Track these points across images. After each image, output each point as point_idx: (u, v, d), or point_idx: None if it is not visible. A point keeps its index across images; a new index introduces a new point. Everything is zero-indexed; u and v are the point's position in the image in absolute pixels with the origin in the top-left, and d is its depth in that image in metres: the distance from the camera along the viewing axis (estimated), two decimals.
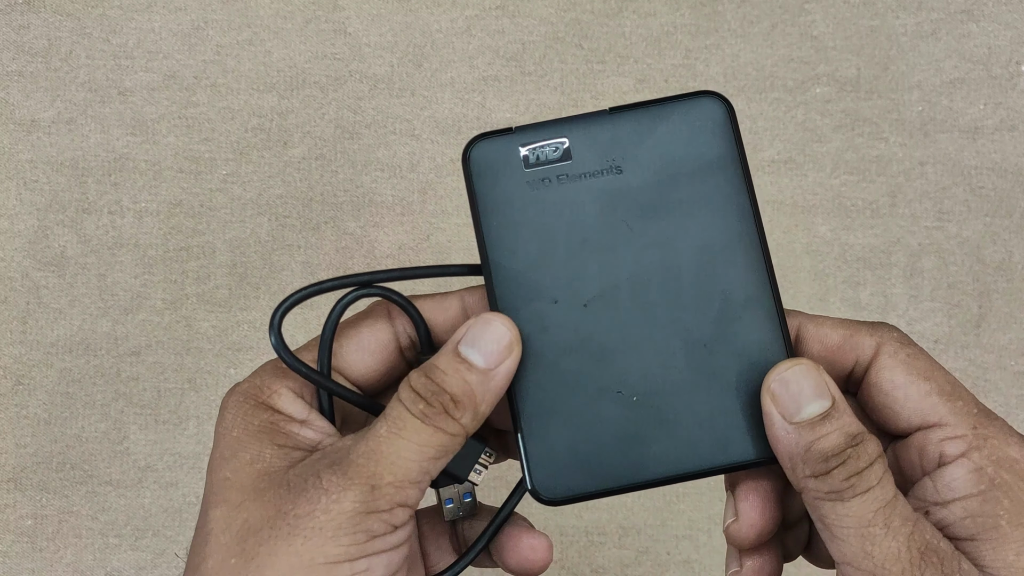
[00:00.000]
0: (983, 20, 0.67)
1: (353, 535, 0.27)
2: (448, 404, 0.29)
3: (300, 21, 0.67)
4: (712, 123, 0.33)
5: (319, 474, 0.28)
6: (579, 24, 0.67)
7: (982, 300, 0.65)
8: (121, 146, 0.66)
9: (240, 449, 0.30)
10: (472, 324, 0.30)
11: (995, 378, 0.65)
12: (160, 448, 0.63)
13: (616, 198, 0.31)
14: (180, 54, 0.66)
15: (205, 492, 0.30)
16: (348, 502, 0.27)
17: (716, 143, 0.33)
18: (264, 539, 0.27)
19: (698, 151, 0.32)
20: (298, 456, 0.30)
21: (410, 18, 0.67)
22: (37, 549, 0.62)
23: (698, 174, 0.32)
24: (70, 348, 0.64)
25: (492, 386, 0.30)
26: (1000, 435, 0.29)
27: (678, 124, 0.32)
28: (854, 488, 0.28)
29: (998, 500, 0.28)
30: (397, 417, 0.29)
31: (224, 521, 0.28)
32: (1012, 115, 0.66)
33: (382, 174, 0.66)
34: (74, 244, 0.65)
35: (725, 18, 0.67)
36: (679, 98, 0.32)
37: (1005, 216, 0.66)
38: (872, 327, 0.32)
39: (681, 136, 0.32)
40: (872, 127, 0.66)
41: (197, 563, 0.29)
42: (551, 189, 0.31)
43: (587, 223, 0.31)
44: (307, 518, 0.27)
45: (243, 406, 0.30)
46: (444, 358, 0.30)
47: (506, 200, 0.31)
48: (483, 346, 0.30)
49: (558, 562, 0.62)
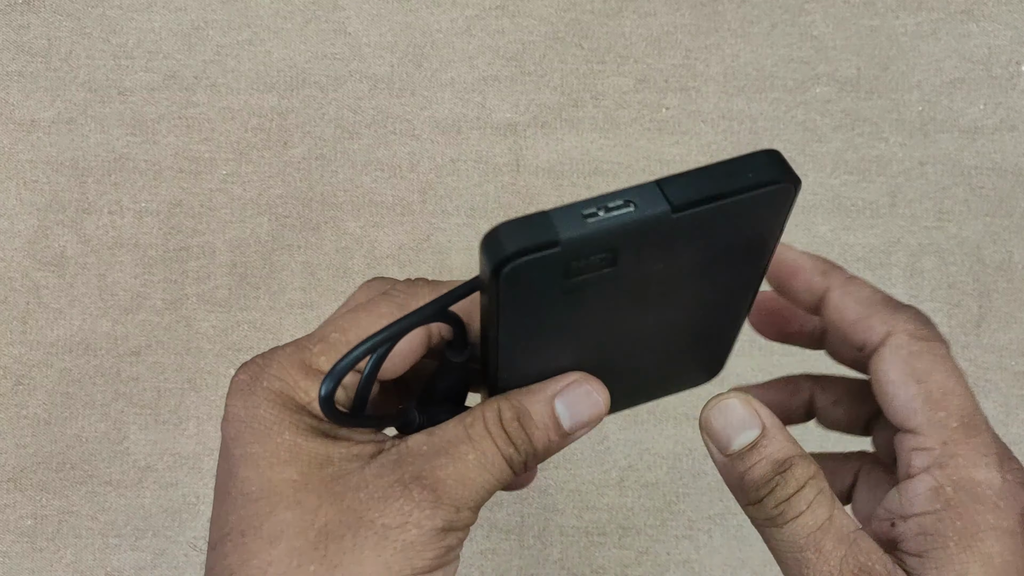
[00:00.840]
0: (983, 20, 0.67)
1: (436, 549, 0.28)
2: (530, 457, 0.30)
3: (300, 21, 0.67)
4: (773, 211, 0.29)
5: (406, 484, 0.28)
6: (579, 24, 0.67)
7: (982, 300, 0.65)
8: (121, 146, 0.66)
9: (299, 451, 0.29)
10: (574, 385, 0.31)
11: (995, 378, 0.65)
12: (160, 448, 0.63)
13: (648, 287, 0.30)
14: (180, 54, 0.66)
15: (255, 493, 0.29)
16: (439, 519, 0.28)
17: (767, 227, 0.30)
18: (348, 547, 0.28)
19: (746, 236, 0.30)
20: (360, 456, 0.30)
21: (410, 18, 0.67)
22: (37, 549, 0.62)
23: (734, 252, 0.30)
24: (70, 348, 0.64)
25: (564, 445, 0.31)
26: (970, 454, 0.29)
27: (740, 217, 0.28)
28: (784, 515, 0.29)
29: (951, 521, 0.28)
30: (487, 450, 0.30)
31: (298, 525, 0.28)
32: (1012, 115, 0.66)
33: (382, 174, 0.66)
34: (74, 244, 0.65)
35: (725, 18, 0.67)
36: (753, 187, 0.27)
37: (1005, 216, 0.66)
38: (892, 312, 0.32)
39: (739, 228, 0.29)
40: (872, 127, 0.66)
41: (262, 567, 0.28)
42: (585, 293, 0.29)
43: (610, 312, 0.30)
44: (398, 530, 0.28)
45: (284, 410, 0.30)
46: (538, 408, 0.31)
47: (534, 307, 0.29)
48: (577, 414, 0.31)
49: (558, 562, 0.62)
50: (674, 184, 0.27)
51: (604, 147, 0.66)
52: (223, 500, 0.30)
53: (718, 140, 0.66)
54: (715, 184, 0.27)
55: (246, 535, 0.28)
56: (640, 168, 0.66)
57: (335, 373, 0.28)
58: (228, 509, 0.29)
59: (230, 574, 0.28)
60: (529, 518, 0.64)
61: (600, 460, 0.64)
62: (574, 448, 0.64)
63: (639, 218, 0.27)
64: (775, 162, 0.27)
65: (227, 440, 0.30)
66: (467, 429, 0.30)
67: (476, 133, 0.66)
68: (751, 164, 0.27)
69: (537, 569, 0.62)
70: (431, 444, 0.30)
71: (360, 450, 0.30)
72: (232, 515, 0.29)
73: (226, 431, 0.30)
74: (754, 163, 0.27)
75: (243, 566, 0.28)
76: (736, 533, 0.63)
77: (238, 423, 0.30)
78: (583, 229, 0.26)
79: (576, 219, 0.26)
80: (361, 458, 0.30)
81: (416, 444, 0.30)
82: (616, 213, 0.26)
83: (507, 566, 0.62)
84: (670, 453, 0.63)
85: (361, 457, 0.30)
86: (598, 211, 0.26)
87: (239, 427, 0.30)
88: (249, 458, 0.29)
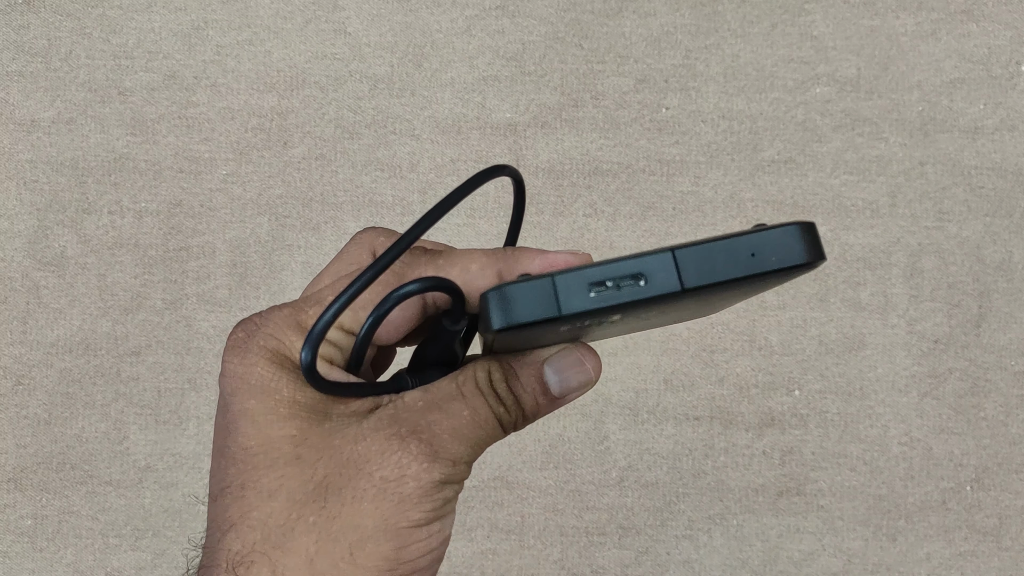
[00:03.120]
0: (983, 20, 0.67)
1: (433, 501, 0.29)
2: (519, 418, 0.32)
3: (300, 21, 0.67)
4: (790, 277, 0.27)
5: (403, 438, 0.29)
6: (579, 24, 0.67)
7: (982, 300, 0.65)
8: (121, 146, 0.66)
9: (297, 407, 0.30)
10: (565, 351, 0.32)
11: (995, 378, 0.65)
12: (160, 448, 0.63)
13: (647, 320, 0.30)
14: (180, 54, 0.66)
15: (254, 448, 0.29)
16: (436, 473, 0.29)
17: (778, 283, 0.28)
18: (347, 499, 0.28)
19: (755, 291, 0.29)
20: (357, 411, 0.30)
21: (410, 18, 0.67)
22: (37, 549, 0.62)
23: (738, 297, 0.29)
24: (70, 348, 0.63)
25: (554, 408, 0.32)
26: None
27: (754, 286, 0.27)
28: None
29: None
30: (479, 407, 0.31)
31: (298, 478, 0.29)
32: (1012, 115, 0.66)
33: (382, 174, 0.66)
34: (74, 244, 0.65)
35: (725, 18, 0.67)
36: (776, 271, 0.25)
37: (1005, 216, 0.65)
38: None
39: (749, 290, 0.28)
40: (872, 127, 0.66)
41: (262, 519, 0.28)
42: (582, 328, 0.29)
43: (605, 331, 0.31)
44: (396, 483, 0.29)
45: (280, 368, 0.30)
46: (527, 372, 0.31)
47: (531, 337, 0.29)
48: (566, 380, 0.32)
49: (558, 562, 0.62)
50: (690, 259, 0.25)
51: (604, 147, 0.66)
52: (222, 453, 0.30)
53: (718, 140, 0.66)
54: (735, 266, 0.25)
55: (246, 488, 0.29)
56: (640, 168, 0.66)
57: (311, 340, 0.28)
58: (227, 463, 0.29)
59: (231, 526, 0.29)
60: (529, 518, 0.64)
61: (600, 460, 0.64)
62: (574, 448, 0.64)
63: (646, 296, 0.25)
64: (807, 242, 0.25)
65: (225, 395, 0.31)
66: (460, 387, 0.31)
67: (476, 133, 0.66)
68: (780, 243, 0.25)
69: (537, 569, 0.62)
70: (426, 400, 0.30)
71: (358, 406, 0.30)
72: (231, 468, 0.29)
73: (224, 386, 0.31)
74: (784, 242, 0.25)
75: (243, 518, 0.29)
76: (736, 533, 0.63)
77: (235, 379, 0.30)
78: (587, 304, 0.26)
79: (581, 291, 0.26)
80: (358, 413, 0.30)
81: (412, 399, 0.31)
82: (624, 288, 0.25)
83: (507, 566, 0.62)
84: (670, 453, 0.63)
85: (358, 412, 0.30)
86: (606, 284, 0.25)
87: (236, 383, 0.30)
88: (247, 413, 0.29)
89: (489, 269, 0.31)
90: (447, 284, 0.30)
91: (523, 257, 0.31)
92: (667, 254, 0.25)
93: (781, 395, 0.64)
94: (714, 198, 0.65)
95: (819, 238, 0.25)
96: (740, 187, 0.66)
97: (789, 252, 0.25)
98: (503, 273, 0.31)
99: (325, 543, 0.28)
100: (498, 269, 0.31)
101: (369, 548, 0.28)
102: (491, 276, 0.31)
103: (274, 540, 0.28)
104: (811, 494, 0.64)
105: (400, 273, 0.31)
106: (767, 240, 0.25)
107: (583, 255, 0.30)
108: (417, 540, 0.29)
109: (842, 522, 0.64)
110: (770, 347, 0.63)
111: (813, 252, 0.25)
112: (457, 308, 0.31)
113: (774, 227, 0.25)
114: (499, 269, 0.31)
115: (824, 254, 0.25)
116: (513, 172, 0.31)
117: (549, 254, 0.30)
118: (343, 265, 0.34)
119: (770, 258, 0.25)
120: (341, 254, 0.34)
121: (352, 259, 0.34)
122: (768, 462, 0.64)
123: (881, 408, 0.65)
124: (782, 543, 0.64)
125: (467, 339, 0.34)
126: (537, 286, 0.25)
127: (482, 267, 0.31)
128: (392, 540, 0.28)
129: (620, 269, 0.25)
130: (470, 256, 0.31)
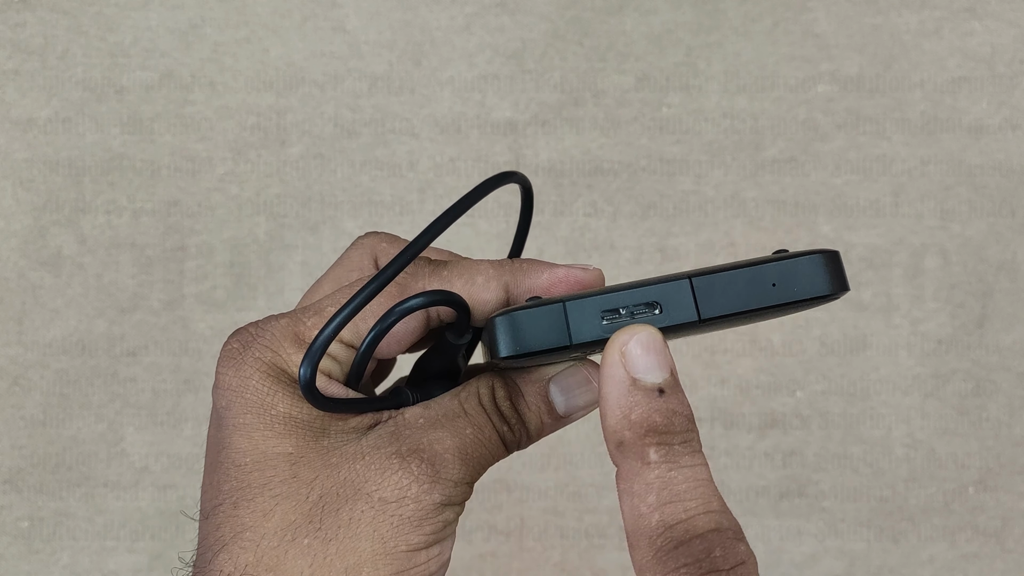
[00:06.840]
0: (986, 18, 0.67)
1: (433, 524, 0.28)
2: (523, 437, 0.30)
3: (298, 18, 0.66)
4: (809, 307, 0.26)
5: (404, 457, 0.28)
6: (579, 21, 0.67)
7: (985, 300, 0.64)
8: (118, 145, 0.65)
9: (294, 423, 0.29)
10: (571, 369, 0.30)
11: (999, 379, 0.64)
12: (157, 450, 0.62)
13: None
14: (177, 52, 0.66)
15: (249, 465, 0.28)
16: (438, 495, 0.28)
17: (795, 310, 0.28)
18: (344, 521, 0.27)
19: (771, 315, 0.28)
20: (356, 427, 0.29)
21: (409, 15, 0.67)
22: (33, 551, 0.61)
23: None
24: (66, 348, 0.63)
25: (559, 427, 0.31)
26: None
27: (771, 312, 0.26)
28: None
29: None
30: (483, 426, 0.29)
31: (293, 498, 0.27)
32: (1016, 114, 0.66)
33: (381, 173, 0.65)
34: (71, 244, 0.64)
35: (727, 15, 0.67)
36: (797, 301, 0.24)
37: (1009, 215, 0.65)
38: None
39: (765, 315, 0.27)
40: (875, 126, 0.66)
41: (256, 540, 0.27)
42: (588, 351, 0.29)
43: None
44: (396, 504, 0.27)
45: (276, 382, 0.29)
46: (532, 390, 0.30)
47: (537, 358, 0.29)
48: (572, 399, 0.30)
49: (558, 565, 0.62)
50: (709, 288, 0.24)
51: (605, 146, 0.66)
52: (215, 469, 0.29)
53: (720, 139, 0.66)
54: (755, 297, 0.24)
55: (239, 506, 0.28)
56: (641, 167, 0.65)
57: (311, 356, 0.27)
58: (221, 479, 0.28)
59: (223, 546, 0.28)
60: (529, 520, 0.63)
61: (601, 461, 0.63)
62: (575, 449, 0.63)
63: (661, 326, 0.24)
64: (831, 272, 0.23)
65: (219, 408, 0.29)
66: (463, 404, 0.30)
67: (476, 132, 0.66)
68: (803, 273, 0.23)
69: (537, 571, 0.62)
70: (428, 417, 0.29)
71: (357, 422, 0.29)
72: (225, 485, 0.28)
73: (217, 399, 0.29)
74: (807, 271, 0.23)
75: (236, 538, 0.27)
76: None
77: (229, 392, 0.29)
78: (598, 332, 0.25)
79: (593, 319, 0.25)
80: (358, 430, 0.29)
81: (413, 416, 0.29)
82: (639, 317, 0.24)
83: (507, 569, 0.62)
84: None
85: (358, 429, 0.29)
86: (619, 311, 0.24)
87: (230, 396, 0.29)
88: (242, 428, 0.28)
89: (495, 282, 0.30)
90: (453, 298, 0.29)
91: (531, 270, 0.29)
92: (684, 282, 0.24)
93: (783, 396, 0.64)
94: (716, 197, 0.65)
95: (843, 268, 0.24)
96: (742, 186, 0.65)
97: (812, 283, 0.23)
98: (509, 286, 0.30)
99: (320, 567, 0.27)
100: (504, 282, 0.30)
101: (366, 573, 0.27)
102: (497, 289, 0.30)
103: (267, 562, 0.27)
104: (813, 496, 0.64)
105: (403, 284, 0.30)
106: (790, 269, 0.24)
107: (593, 270, 0.29)
108: (416, 564, 0.28)
109: (845, 524, 0.64)
110: (772, 348, 0.63)
111: (836, 283, 0.24)
112: (462, 322, 0.30)
113: (797, 255, 0.24)
114: (506, 282, 0.30)
115: (848, 284, 0.24)
116: (522, 179, 0.30)
117: (558, 268, 0.29)
118: (344, 271, 0.33)
119: (792, 288, 0.24)
120: (342, 259, 0.33)
121: (353, 265, 0.33)
122: (770, 464, 0.64)
123: (884, 409, 0.64)
124: (784, 545, 0.64)
125: (470, 350, 0.34)
126: (547, 312, 0.24)
127: (488, 279, 0.30)
128: (390, 565, 0.27)
129: (635, 297, 0.24)
130: (476, 268, 0.30)
